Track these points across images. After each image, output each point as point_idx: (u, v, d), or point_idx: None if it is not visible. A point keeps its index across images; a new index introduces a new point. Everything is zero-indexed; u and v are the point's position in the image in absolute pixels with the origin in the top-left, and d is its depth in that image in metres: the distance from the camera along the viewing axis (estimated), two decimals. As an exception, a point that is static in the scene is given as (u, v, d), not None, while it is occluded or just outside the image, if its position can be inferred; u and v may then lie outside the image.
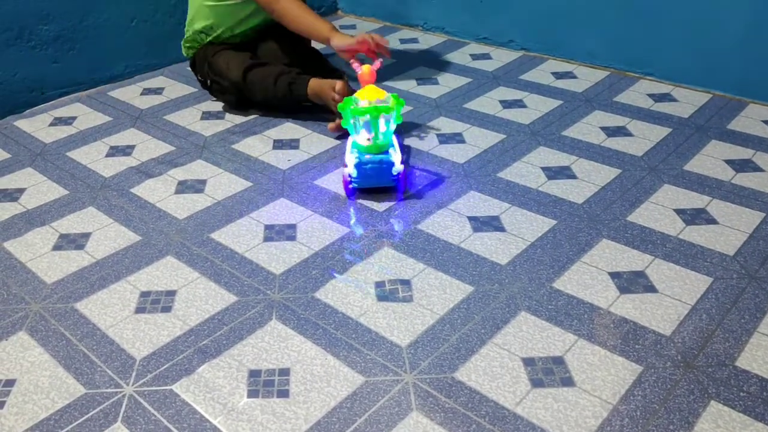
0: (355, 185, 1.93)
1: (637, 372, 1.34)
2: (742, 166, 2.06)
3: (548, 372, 1.35)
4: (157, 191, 2.03)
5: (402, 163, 1.94)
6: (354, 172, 1.90)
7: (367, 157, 1.88)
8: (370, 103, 1.84)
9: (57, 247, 1.78)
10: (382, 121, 1.85)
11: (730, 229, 1.77)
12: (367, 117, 1.84)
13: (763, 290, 1.55)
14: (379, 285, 1.60)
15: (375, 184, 1.93)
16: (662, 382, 1.32)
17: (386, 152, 1.90)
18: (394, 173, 1.90)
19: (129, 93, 2.75)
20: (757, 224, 1.78)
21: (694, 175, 2.02)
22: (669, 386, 1.31)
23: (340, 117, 2.05)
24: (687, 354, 1.38)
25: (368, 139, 1.89)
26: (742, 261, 1.65)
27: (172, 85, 2.81)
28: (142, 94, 2.74)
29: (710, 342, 1.41)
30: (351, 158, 1.89)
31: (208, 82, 2.53)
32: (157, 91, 2.76)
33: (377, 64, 2.09)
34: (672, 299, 1.53)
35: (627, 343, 1.41)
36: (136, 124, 2.47)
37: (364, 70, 2.03)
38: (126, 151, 2.28)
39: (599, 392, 1.30)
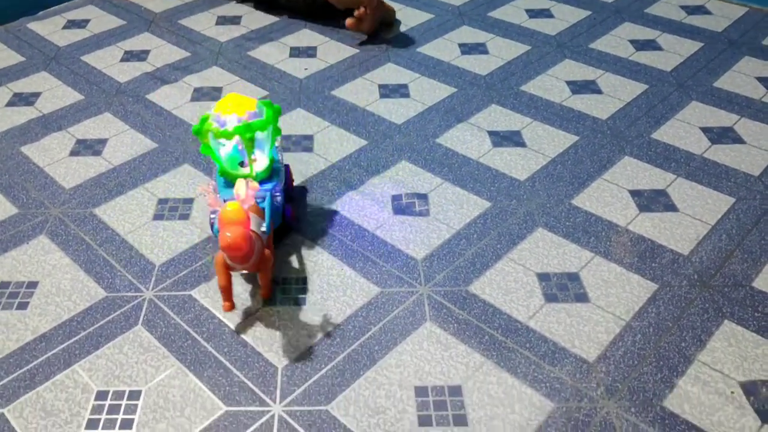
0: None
1: (652, 290, 1.35)
2: (774, 83, 1.99)
3: (563, 287, 1.36)
4: (172, 98, 2.00)
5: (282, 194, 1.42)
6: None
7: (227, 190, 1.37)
8: (239, 120, 1.33)
9: (74, 153, 1.78)
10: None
11: (756, 149, 1.72)
12: (237, 139, 1.36)
13: (786, 212, 1.53)
14: (395, 198, 1.59)
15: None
16: (677, 300, 1.32)
17: (271, 181, 1.40)
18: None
19: (142, -4, 2.67)
20: (786, 145, 1.74)
21: (723, 93, 1.95)
22: (683, 305, 1.31)
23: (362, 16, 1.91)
24: (704, 273, 1.38)
25: (243, 164, 1.42)
26: (767, 182, 1.61)
27: (187, -13, 2.72)
28: (155, -3, 2.66)
29: (728, 262, 1.40)
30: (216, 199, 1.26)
31: None
32: (171, -6, 2.68)
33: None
34: (692, 218, 1.51)
35: (644, 261, 1.41)
36: (150, 29, 2.41)
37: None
38: (140, 56, 2.24)
39: (613, 308, 1.31)
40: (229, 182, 1.40)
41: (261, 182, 1.39)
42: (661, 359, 1.21)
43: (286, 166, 1.51)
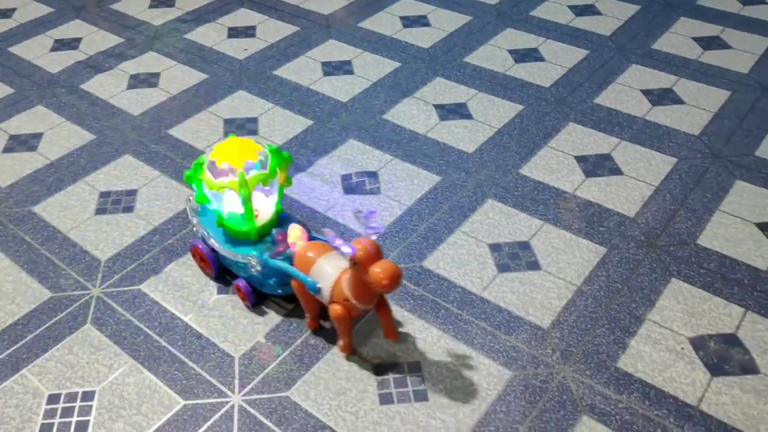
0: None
1: (601, 253, 1.37)
2: (709, 43, 2.03)
3: (514, 257, 1.37)
4: (108, 86, 1.93)
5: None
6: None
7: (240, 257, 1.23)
8: (234, 171, 1.17)
9: (8, 149, 1.71)
10: (258, 194, 1.23)
11: (696, 109, 1.76)
12: (234, 193, 1.18)
13: (725, 169, 1.56)
14: (345, 178, 1.58)
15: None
16: (625, 262, 1.35)
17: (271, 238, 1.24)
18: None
19: (69, -20, 2.56)
20: (723, 102, 1.78)
21: (661, 54, 1.98)
22: (632, 266, 1.34)
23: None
24: (650, 234, 1.41)
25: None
26: (707, 140, 1.65)
27: (116, -30, 2.62)
28: (83, -19, 2.55)
29: (673, 222, 1.44)
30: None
31: None
32: (100, -23, 2.57)
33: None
34: (637, 181, 1.54)
35: (592, 226, 1.43)
36: (80, 15, 2.32)
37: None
38: (72, 44, 2.15)
39: (564, 274, 1.33)
40: (230, 236, 1.24)
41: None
42: (612, 321, 1.24)
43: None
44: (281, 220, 1.28)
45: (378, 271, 1.01)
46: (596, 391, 1.12)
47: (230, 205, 1.22)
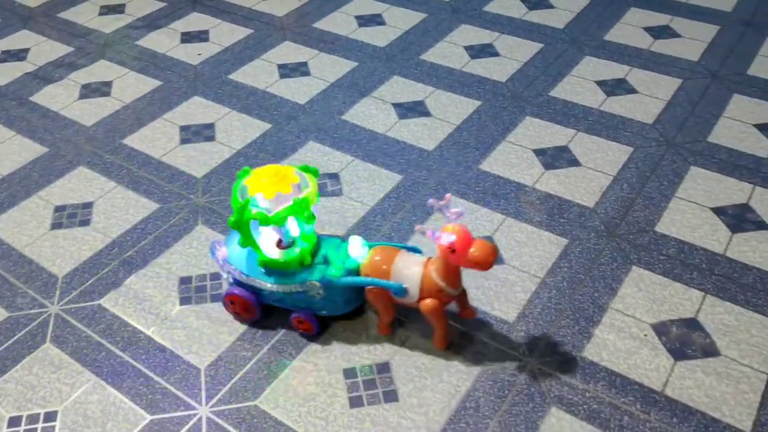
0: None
1: (562, 245, 1.38)
2: (659, 32, 2.07)
3: (479, 252, 1.37)
4: (59, 97, 1.89)
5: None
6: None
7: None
8: (279, 199, 1.10)
9: (-45, 167, 1.66)
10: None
11: (649, 98, 1.79)
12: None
13: (680, 156, 1.60)
14: (306, 180, 1.57)
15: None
16: (587, 252, 1.37)
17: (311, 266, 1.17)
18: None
19: (14, -11, 2.49)
20: (675, 90, 1.81)
21: (614, 45, 2.02)
22: (593, 256, 1.36)
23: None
24: (609, 224, 1.43)
25: (282, 245, 1.19)
26: (661, 129, 1.68)
27: (63, -23, 2.56)
28: (29, -11, 2.49)
29: (631, 210, 1.46)
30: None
31: None
32: (46, -15, 2.51)
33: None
34: (595, 171, 1.56)
35: (552, 218, 1.45)
36: (27, 25, 2.26)
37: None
38: (20, 55, 2.09)
39: (527, 267, 1.34)
40: (274, 270, 1.17)
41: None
42: (577, 311, 1.25)
43: None
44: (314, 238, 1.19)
45: (477, 252, 1.03)
46: (563, 382, 1.13)
47: (271, 237, 1.17)
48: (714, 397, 1.11)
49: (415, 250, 1.18)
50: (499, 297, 1.28)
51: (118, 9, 2.32)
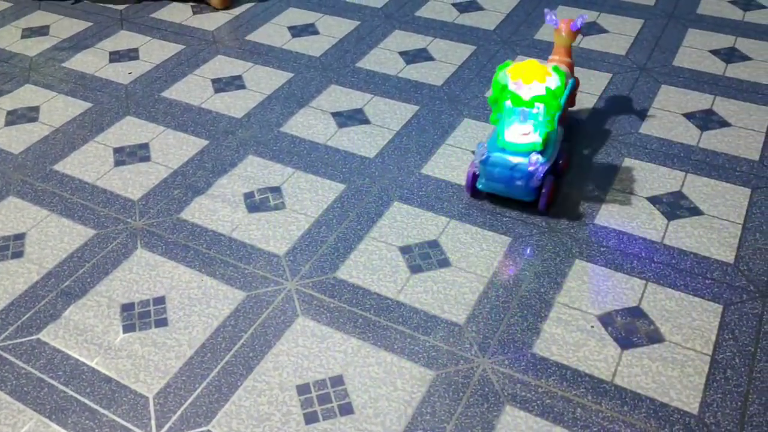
0: (480, 187, 1.47)
1: (506, 243, 1.40)
2: (588, 29, 2.12)
3: (425, 257, 1.38)
4: (-17, 126, 1.81)
5: (546, 172, 1.42)
6: (480, 169, 1.44)
7: (498, 156, 1.40)
8: (530, 90, 1.34)
9: None
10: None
11: (582, 93, 1.83)
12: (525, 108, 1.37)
13: (614, 148, 1.64)
14: (248, 196, 1.54)
15: (503, 192, 1.45)
16: (531, 249, 1.39)
17: (534, 153, 1.38)
18: (531, 185, 1.40)
19: (-72, 15, 2.39)
20: (605, 85, 1.86)
21: (544, 44, 2.06)
22: (537, 252, 1.38)
23: None
24: (550, 219, 1.45)
25: (525, 134, 1.39)
26: (596, 123, 1.72)
27: (-20, 0, 2.46)
28: (-56, 15, 2.38)
29: (568, 203, 1.49)
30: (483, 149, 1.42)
31: None
32: (-37, 9, 2.41)
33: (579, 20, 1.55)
34: (534, 169, 1.59)
35: (495, 217, 1.46)
36: (-56, 52, 2.16)
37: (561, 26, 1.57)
38: (-63, 83, 2.00)
39: (474, 268, 1.35)
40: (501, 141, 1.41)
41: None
42: (524, 308, 1.27)
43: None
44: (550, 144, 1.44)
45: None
46: (516, 380, 1.15)
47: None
48: (661, 382, 1.13)
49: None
50: (448, 299, 1.29)
51: (42, 31, 2.25)
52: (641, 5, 2.24)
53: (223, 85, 1.92)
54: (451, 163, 1.61)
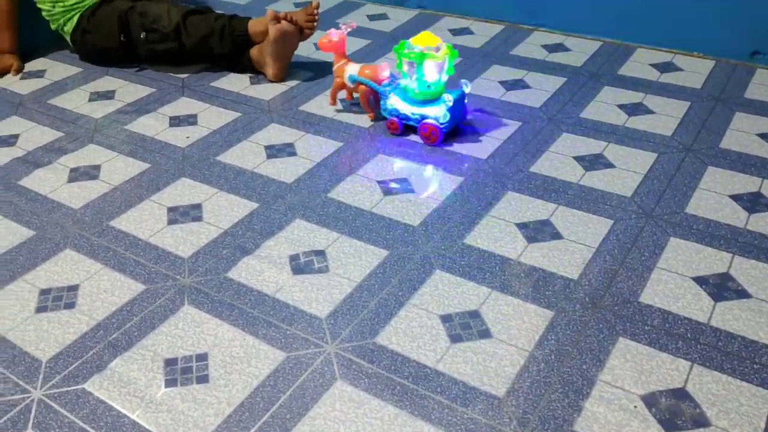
0: (445, 129, 1.96)
1: (549, 317, 1.39)
2: (633, 109, 2.15)
3: (466, 326, 1.38)
4: (47, 181, 1.91)
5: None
6: (446, 117, 1.93)
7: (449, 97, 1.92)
8: (422, 50, 1.89)
9: (-59, 252, 1.65)
10: (431, 69, 1.90)
11: (626, 172, 1.84)
12: (414, 61, 1.91)
13: (659, 227, 1.63)
14: (293, 258, 1.58)
15: (456, 123, 2.01)
16: (573, 324, 1.38)
17: (435, 101, 1.94)
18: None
19: (6, 78, 2.55)
20: (651, 164, 1.87)
21: (590, 122, 2.09)
22: (579, 328, 1.37)
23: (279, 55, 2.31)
24: (594, 295, 1.44)
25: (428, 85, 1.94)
26: (639, 201, 1.73)
27: (54, 66, 2.63)
28: (21, 78, 2.55)
29: (614, 281, 1.48)
30: (427, 108, 1.97)
31: (142, 34, 2.42)
32: (38, 74, 2.58)
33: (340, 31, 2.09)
34: (577, 244, 1.59)
35: (538, 291, 1.46)
36: (17, 111, 2.31)
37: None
38: (9, 141, 2.13)
39: (515, 341, 1.34)
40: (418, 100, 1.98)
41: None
42: (566, 384, 1.25)
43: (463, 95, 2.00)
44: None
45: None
46: (556, 458, 1.12)
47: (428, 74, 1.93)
48: (708, 469, 1.09)
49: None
50: (488, 371, 1.28)
51: (108, 95, 2.38)
52: (688, 88, 2.26)
53: (275, 151, 2.00)
54: (494, 234, 1.63)
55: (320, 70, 2.48)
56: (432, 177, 1.85)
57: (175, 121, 2.19)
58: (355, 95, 2.16)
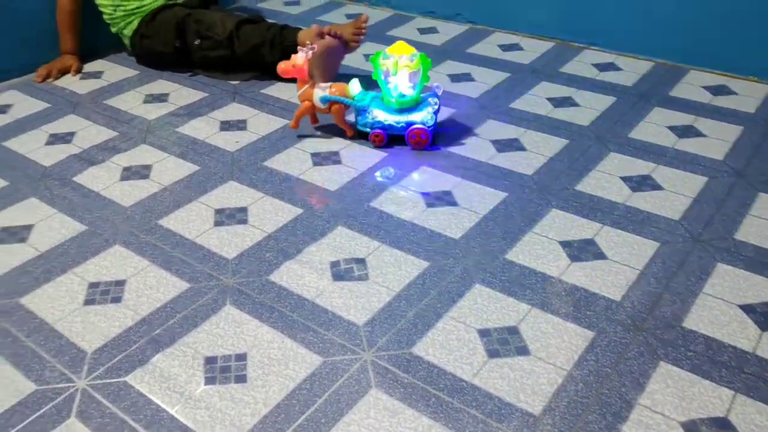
0: (431, 132, 2.04)
1: (589, 338, 1.38)
2: (684, 131, 2.12)
3: (504, 342, 1.37)
4: (100, 179, 1.97)
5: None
6: (432, 119, 2.01)
7: (434, 101, 2.03)
8: (395, 59, 1.97)
9: (-2, 241, 1.72)
10: (405, 77, 1.98)
11: (674, 194, 1.81)
12: (389, 69, 1.99)
13: (707, 252, 1.60)
14: (334, 265, 1.60)
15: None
16: (613, 346, 1.36)
17: (416, 107, 2.03)
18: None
19: (66, 78, 2.65)
20: (701, 188, 1.83)
21: (638, 143, 2.06)
22: (620, 350, 1.35)
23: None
24: (636, 317, 1.42)
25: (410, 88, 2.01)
26: (687, 225, 1.70)
27: (112, 68, 2.72)
28: (80, 78, 2.64)
29: (658, 305, 1.45)
30: (414, 116, 2.04)
31: (197, 41, 2.51)
32: (96, 75, 2.66)
33: (308, 52, 2.06)
34: (621, 265, 1.57)
35: (579, 310, 1.44)
36: (75, 110, 2.39)
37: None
38: (66, 138, 2.20)
39: (553, 359, 1.33)
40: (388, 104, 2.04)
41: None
42: (603, 406, 1.23)
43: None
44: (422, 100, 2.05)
45: None
46: (590, 480, 1.10)
47: (401, 85, 1.99)
48: (749, 502, 1.06)
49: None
50: (525, 388, 1.27)
51: (162, 98, 2.45)
52: (741, 112, 2.22)
53: (321, 159, 2.03)
54: (537, 251, 1.61)
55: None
56: (475, 191, 1.85)
57: (225, 126, 2.24)
58: (325, 117, 2.14)
